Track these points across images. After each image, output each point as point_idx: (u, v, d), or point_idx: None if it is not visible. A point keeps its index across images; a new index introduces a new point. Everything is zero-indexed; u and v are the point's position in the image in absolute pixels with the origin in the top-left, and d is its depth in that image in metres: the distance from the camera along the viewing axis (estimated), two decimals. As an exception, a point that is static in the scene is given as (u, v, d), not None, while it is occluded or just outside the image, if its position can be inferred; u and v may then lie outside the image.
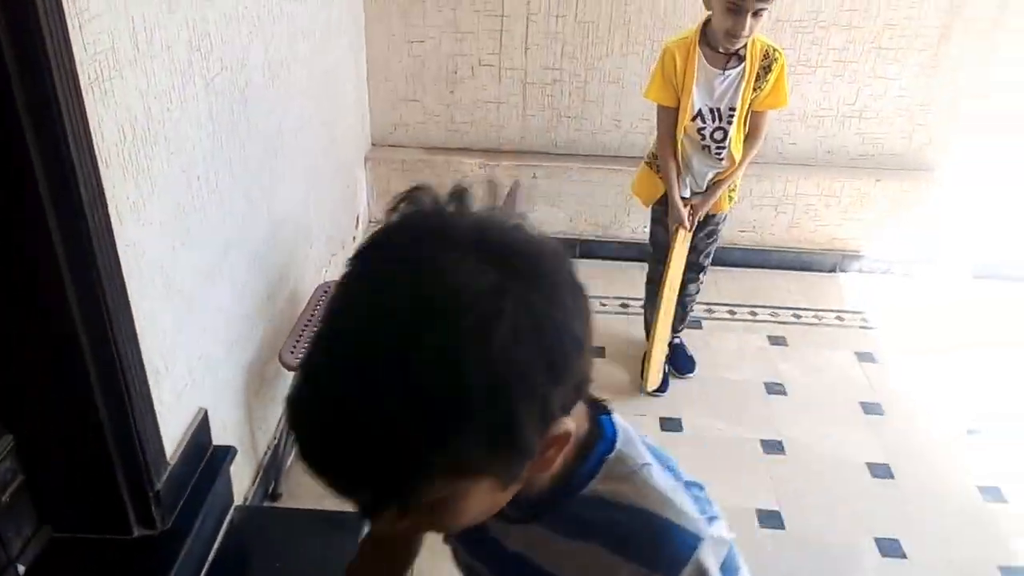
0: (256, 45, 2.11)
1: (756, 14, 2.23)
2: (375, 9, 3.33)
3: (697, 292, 2.96)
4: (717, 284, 3.55)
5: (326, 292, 2.50)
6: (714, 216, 2.76)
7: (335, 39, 2.95)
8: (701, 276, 2.91)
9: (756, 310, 3.41)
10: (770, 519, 2.42)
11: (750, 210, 3.55)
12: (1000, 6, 3.18)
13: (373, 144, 3.62)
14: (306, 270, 2.67)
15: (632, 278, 3.53)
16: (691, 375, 2.98)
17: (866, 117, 3.44)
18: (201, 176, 1.80)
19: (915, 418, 2.86)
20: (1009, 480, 2.59)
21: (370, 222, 3.68)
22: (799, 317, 3.38)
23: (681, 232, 2.64)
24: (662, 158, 2.60)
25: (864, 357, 3.14)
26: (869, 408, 2.89)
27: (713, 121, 2.49)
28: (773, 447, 2.70)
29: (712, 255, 2.89)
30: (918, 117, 3.43)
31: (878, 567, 2.31)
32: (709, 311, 3.39)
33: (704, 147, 2.55)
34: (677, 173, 2.58)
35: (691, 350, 3.09)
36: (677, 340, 3.03)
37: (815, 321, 3.36)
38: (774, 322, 3.35)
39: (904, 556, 2.33)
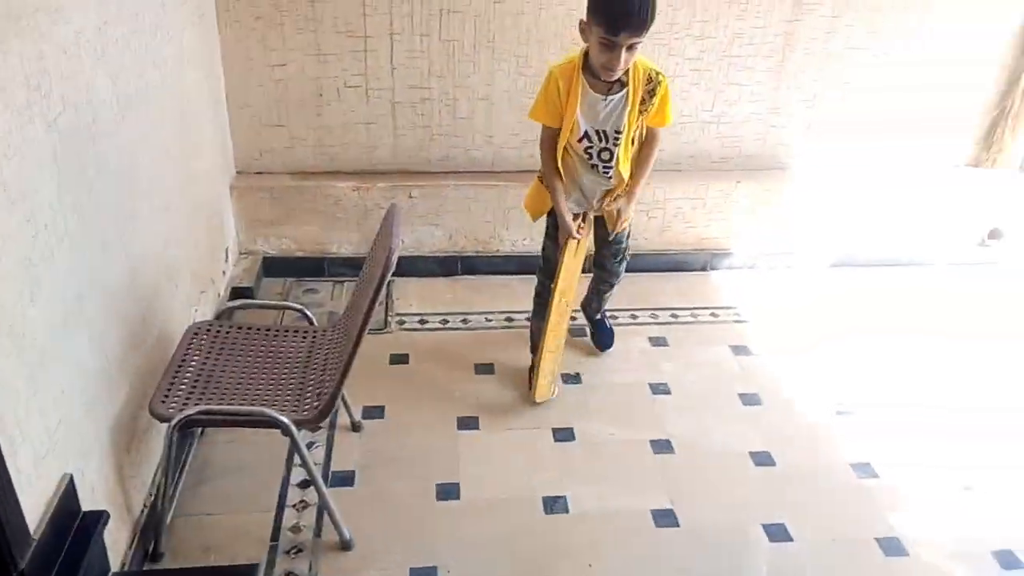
0: (102, 79, 1.98)
1: (630, 48, 2.30)
2: (231, 34, 3.21)
3: (610, 291, 3.12)
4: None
5: (197, 334, 2.37)
6: (617, 235, 2.85)
7: (189, 68, 2.82)
8: (615, 283, 3.09)
9: (636, 313, 3.51)
10: (665, 518, 2.48)
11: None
12: (835, 15, 3.42)
13: (238, 172, 3.49)
14: (173, 311, 2.53)
15: (515, 292, 3.57)
16: (609, 349, 3.21)
17: (723, 122, 3.61)
18: (48, 224, 1.67)
19: (790, 405, 3.01)
20: (878, 455, 2.77)
21: (240, 254, 3.54)
22: (677, 317, 3.50)
23: (571, 243, 2.68)
24: (547, 175, 2.64)
25: (739, 350, 3.29)
26: (747, 399, 3.03)
27: (600, 142, 2.55)
28: (662, 446, 2.78)
29: (622, 273, 3.05)
30: (770, 120, 3.63)
31: (769, 552, 2.40)
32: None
33: (592, 166, 2.61)
34: (564, 189, 2.64)
35: (579, 359, 3.15)
36: (599, 317, 3.22)
37: (692, 320, 3.49)
38: (654, 324, 3.45)
39: (791, 539, 2.45)
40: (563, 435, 2.81)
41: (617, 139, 2.54)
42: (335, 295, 3.53)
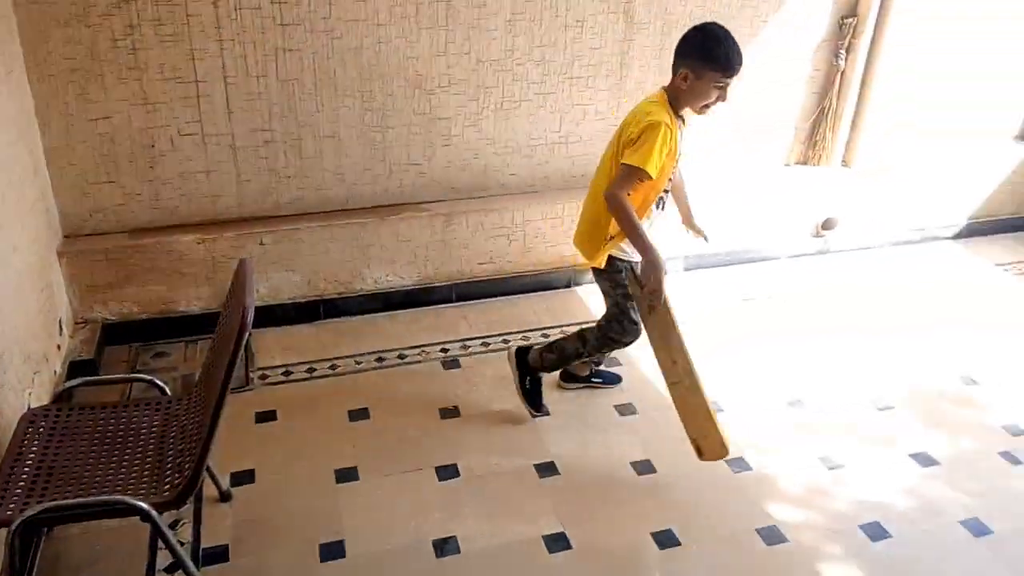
0: None
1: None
2: (45, 89, 2.97)
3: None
4: (467, 319, 3.61)
5: (33, 422, 2.14)
6: None
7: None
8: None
9: (507, 337, 3.51)
10: (557, 542, 2.47)
11: (485, 242, 3.65)
12: (664, 32, 3.57)
13: (66, 236, 3.22)
14: (4, 399, 2.28)
15: (383, 330, 3.49)
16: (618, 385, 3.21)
17: (571, 142, 3.69)
18: None
19: (663, 410, 3.08)
20: (749, 449, 2.89)
21: (76, 323, 3.26)
22: (548, 336, 3.52)
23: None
24: (634, 224, 2.54)
25: (611, 362, 3.35)
26: (624, 410, 3.08)
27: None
28: (547, 470, 2.77)
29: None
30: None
31: (660, 560, 2.44)
32: (464, 348, 3.42)
33: (660, 202, 2.76)
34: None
35: (456, 391, 3.11)
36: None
37: (560, 337, 3.52)
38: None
39: (679, 543, 2.50)
40: (447, 472, 2.75)
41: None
42: (188, 356, 3.31)
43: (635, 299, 2.71)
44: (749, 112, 3.90)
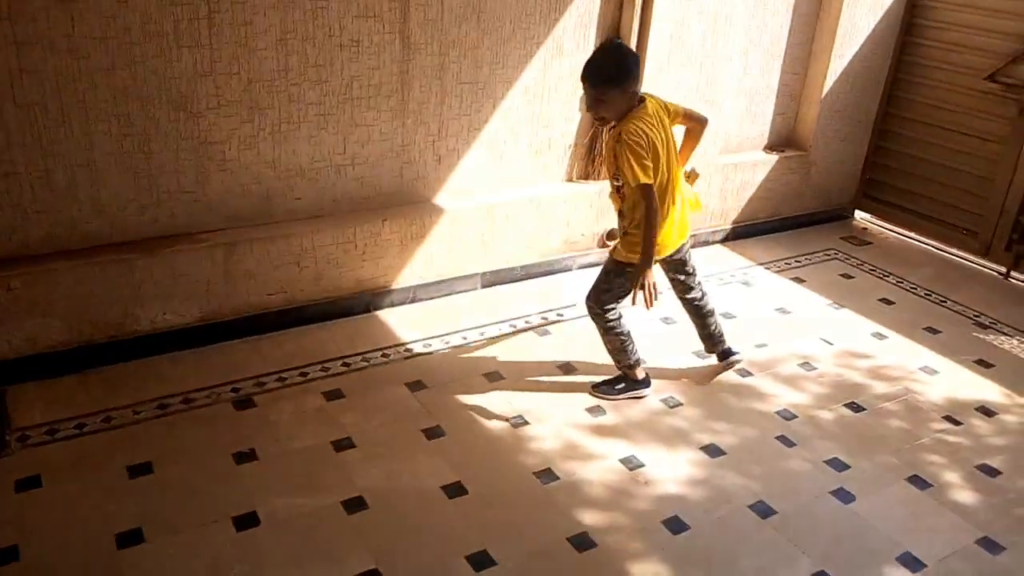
0: None
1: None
2: None
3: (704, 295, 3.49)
4: (259, 354, 3.39)
5: None
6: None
7: None
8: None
9: (306, 370, 3.34)
10: (371, 581, 2.37)
11: (274, 271, 3.46)
12: (442, 53, 3.59)
13: None
14: None
15: (164, 374, 3.20)
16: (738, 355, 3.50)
17: (358, 163, 3.60)
18: None
19: (471, 428, 3.08)
20: (555, 459, 2.94)
21: None
22: (349, 365, 3.40)
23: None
24: (655, 230, 3.01)
25: (415, 386, 3.29)
26: (431, 433, 3.03)
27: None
28: (356, 505, 2.65)
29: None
30: (403, 156, 3.70)
31: (474, 583, 2.41)
32: (259, 385, 3.21)
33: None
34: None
35: (251, 433, 2.90)
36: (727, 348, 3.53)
37: (365, 364, 3.42)
38: (326, 376, 3.31)
39: (495, 563, 2.48)
40: (245, 521, 2.54)
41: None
42: (-77, 425, 2.84)
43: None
44: (535, 125, 4.01)
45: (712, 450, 3.07)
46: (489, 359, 3.51)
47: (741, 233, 4.98)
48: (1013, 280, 4.71)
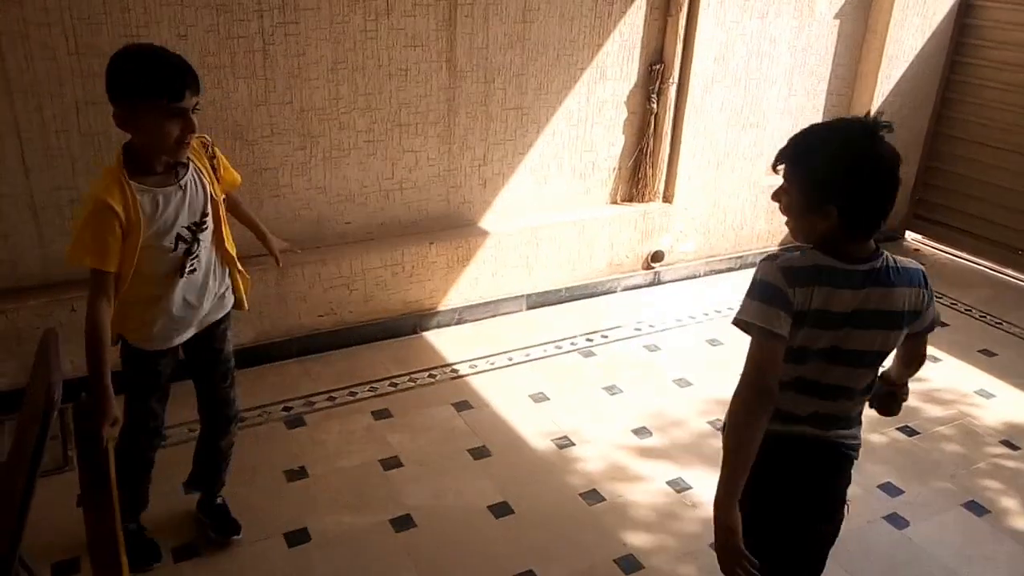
0: None
1: (195, 110, 2.02)
2: None
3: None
4: (309, 374, 3.47)
5: None
6: (217, 340, 2.40)
7: None
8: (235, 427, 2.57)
9: (355, 389, 3.40)
10: (418, 598, 2.39)
11: (323, 293, 3.54)
12: (487, 80, 3.67)
13: None
14: None
15: (218, 393, 3.27)
16: (238, 537, 2.56)
17: (406, 188, 3.68)
18: None
19: (517, 450, 3.10)
20: (601, 480, 2.94)
21: None
22: (396, 385, 3.45)
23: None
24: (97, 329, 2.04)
25: (462, 406, 3.32)
26: (477, 453, 3.05)
27: (191, 236, 2.16)
28: (403, 523, 2.68)
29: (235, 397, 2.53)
30: (449, 181, 3.78)
31: (523, 603, 2.42)
32: (309, 404, 3.28)
33: (191, 271, 2.20)
34: (146, 327, 2.21)
35: (302, 451, 2.95)
36: (220, 500, 2.63)
37: (412, 384, 3.47)
38: (374, 396, 3.37)
39: (541, 583, 2.48)
40: (297, 538, 2.60)
41: (204, 223, 2.19)
42: (-6, 440, 2.96)
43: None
44: (578, 151, 4.06)
45: (760, 472, 3.03)
46: (534, 380, 3.53)
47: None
48: (1073, 301, 4.58)
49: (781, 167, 1.68)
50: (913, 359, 1.89)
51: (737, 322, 1.69)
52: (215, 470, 2.58)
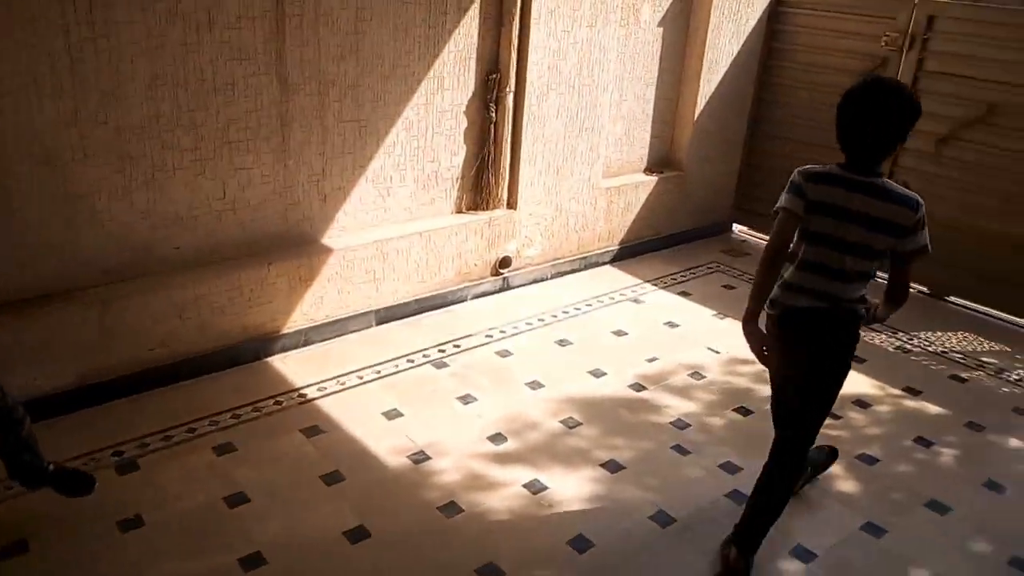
0: None
1: None
2: None
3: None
4: (143, 413, 3.24)
5: None
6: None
7: None
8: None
9: (194, 425, 3.21)
10: (273, 638, 2.29)
11: (153, 325, 3.32)
12: (321, 92, 3.58)
13: None
14: None
15: (39, 442, 2.99)
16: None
17: (239, 208, 3.52)
18: None
19: (370, 470, 3.03)
20: (459, 491, 2.93)
21: None
22: (240, 416, 3.29)
23: None
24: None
25: (311, 432, 3.22)
26: (330, 479, 2.96)
27: None
28: (252, 562, 2.55)
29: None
30: (287, 198, 3.65)
31: (384, 627, 2.36)
32: (143, 446, 3.06)
33: None
34: None
35: (137, 497, 2.76)
36: (51, 466, 2.63)
37: (256, 414, 3.31)
38: (216, 431, 3.19)
39: (402, 604, 2.44)
40: (134, 593, 2.42)
41: None
42: None
43: None
44: (419, 161, 4.04)
45: (612, 466, 3.13)
46: (387, 397, 3.48)
47: (628, 253, 5.13)
48: (880, 280, 5.02)
49: None
50: (897, 291, 2.50)
51: (774, 211, 2.47)
52: (28, 451, 2.54)
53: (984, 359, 4.11)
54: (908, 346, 4.19)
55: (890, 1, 4.69)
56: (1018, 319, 4.50)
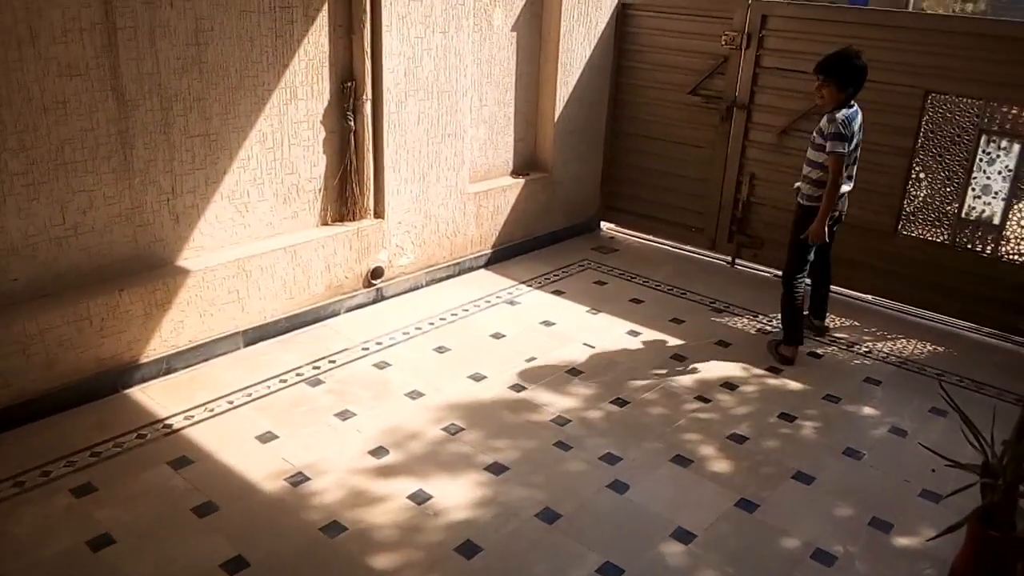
0: None
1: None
2: None
3: None
4: (-13, 461, 2.98)
5: None
6: None
7: None
8: None
9: (48, 468, 2.97)
10: None
11: (-7, 365, 3.06)
12: (164, 107, 3.40)
13: None
14: None
15: None
16: None
17: (82, 232, 3.30)
18: None
19: (246, 496, 2.90)
20: (341, 510, 2.85)
21: None
22: (99, 454, 3.07)
23: None
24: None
25: (179, 463, 3.05)
26: (202, 510, 2.81)
27: None
28: (121, 607, 2.39)
29: None
30: (135, 219, 3.44)
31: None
32: (-12, 496, 2.81)
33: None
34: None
35: (-20, 554, 2.52)
36: None
37: (118, 450, 3.11)
38: (73, 471, 2.97)
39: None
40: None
41: None
42: None
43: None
44: (279, 174, 3.91)
45: (496, 468, 3.14)
46: (260, 420, 3.34)
47: (501, 256, 5.17)
48: (738, 267, 5.31)
49: (820, 75, 3.73)
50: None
51: (832, 156, 3.74)
52: None
53: (836, 335, 4.40)
54: (767, 328, 4.43)
55: (727, 2, 4.96)
56: (863, 295, 4.85)
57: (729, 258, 5.34)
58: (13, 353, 3.11)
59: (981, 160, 4.36)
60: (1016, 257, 4.32)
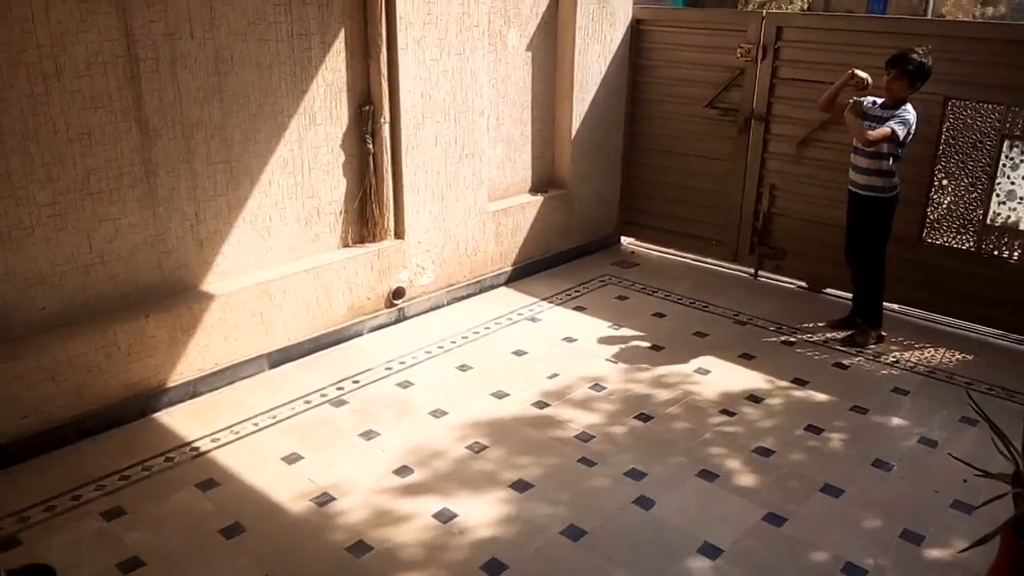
0: None
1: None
2: None
3: None
4: (19, 486, 3.03)
5: None
6: None
7: None
8: None
9: (78, 492, 3.02)
10: None
11: (24, 391, 3.11)
12: (186, 136, 3.47)
13: None
14: None
15: None
16: None
17: (108, 260, 3.36)
18: None
19: (272, 517, 2.92)
20: (366, 530, 2.86)
21: None
22: (128, 478, 3.11)
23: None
24: None
25: (207, 485, 3.08)
26: (230, 532, 2.84)
27: None
28: (150, 630, 2.41)
29: None
30: (159, 246, 3.51)
31: None
32: (22, 520, 2.85)
33: None
34: None
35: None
36: None
37: (146, 474, 3.15)
38: (103, 495, 3.01)
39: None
40: None
41: None
42: None
43: None
44: (300, 197, 3.97)
45: (520, 485, 3.13)
46: (285, 441, 3.37)
47: (522, 273, 5.19)
48: (761, 279, 5.27)
49: (895, 69, 3.94)
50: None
51: (888, 128, 3.92)
52: None
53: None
54: (792, 339, 4.39)
55: (741, 15, 4.97)
56: (889, 304, 4.79)
57: (751, 270, 5.31)
58: (43, 381, 3.17)
59: (1004, 165, 4.31)
60: (1044, 262, 4.25)
